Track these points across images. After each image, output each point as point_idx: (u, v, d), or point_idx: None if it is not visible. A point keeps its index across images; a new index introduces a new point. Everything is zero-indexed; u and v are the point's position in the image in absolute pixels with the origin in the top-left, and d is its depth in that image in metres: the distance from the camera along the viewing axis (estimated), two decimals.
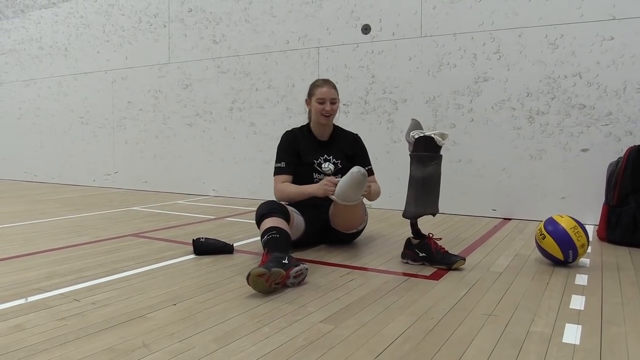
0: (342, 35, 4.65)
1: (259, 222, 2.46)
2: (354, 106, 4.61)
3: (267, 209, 2.46)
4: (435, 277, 2.27)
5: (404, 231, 3.20)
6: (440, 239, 2.54)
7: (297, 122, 3.78)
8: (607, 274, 2.35)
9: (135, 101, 6.07)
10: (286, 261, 2.09)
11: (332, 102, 2.83)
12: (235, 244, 2.86)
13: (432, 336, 1.58)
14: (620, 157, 3.25)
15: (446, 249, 2.48)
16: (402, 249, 2.59)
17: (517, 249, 2.87)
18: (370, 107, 4.54)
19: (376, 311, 1.81)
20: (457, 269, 2.38)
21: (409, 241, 2.54)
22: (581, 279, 2.25)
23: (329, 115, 2.84)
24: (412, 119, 2.57)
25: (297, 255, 2.52)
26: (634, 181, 3.07)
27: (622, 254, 2.79)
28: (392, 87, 4.42)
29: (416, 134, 2.44)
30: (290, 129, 3.00)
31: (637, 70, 3.52)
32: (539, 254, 2.61)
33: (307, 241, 2.82)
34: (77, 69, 6.58)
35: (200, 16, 5.49)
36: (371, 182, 2.86)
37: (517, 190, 3.96)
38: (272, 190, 2.88)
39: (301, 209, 2.76)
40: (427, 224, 3.45)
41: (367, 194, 2.75)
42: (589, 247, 2.82)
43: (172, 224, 3.69)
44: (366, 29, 4.53)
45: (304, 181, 2.84)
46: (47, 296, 1.96)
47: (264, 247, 2.27)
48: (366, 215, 2.92)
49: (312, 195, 2.70)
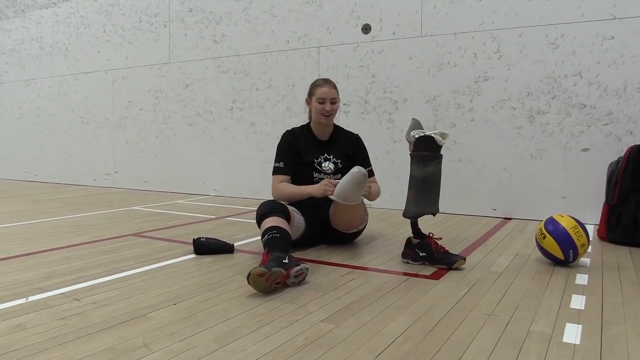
0: (342, 34, 4.65)
1: (259, 222, 2.46)
2: (354, 106, 4.61)
3: (268, 209, 2.46)
4: (435, 276, 2.27)
5: (405, 231, 3.20)
6: (440, 238, 2.54)
7: (297, 122, 3.79)
8: (608, 274, 2.35)
9: (135, 101, 6.07)
10: (286, 261, 2.09)
11: (333, 101, 2.83)
12: (235, 244, 2.86)
13: (433, 336, 1.58)
14: (620, 157, 3.25)
15: (446, 249, 2.49)
16: (402, 249, 2.59)
17: (518, 248, 2.87)
18: (370, 107, 4.54)
19: (376, 311, 1.81)
20: (457, 269, 2.38)
21: (409, 241, 2.55)
22: (581, 279, 2.25)
23: (329, 114, 2.84)
24: (412, 119, 2.57)
25: (297, 254, 2.52)
26: (634, 181, 3.07)
27: (623, 253, 2.79)
28: (393, 86, 4.42)
29: (416, 134, 2.44)
30: (290, 129, 3.00)
31: (638, 69, 3.52)
32: (539, 254, 2.61)
33: (308, 241, 2.82)
34: (78, 68, 6.58)
35: (200, 16, 5.49)
36: (371, 183, 2.87)
37: (517, 189, 3.96)
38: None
39: (301, 208, 2.76)
40: (427, 224, 3.45)
41: (368, 194, 2.76)
42: (590, 247, 2.83)
43: (172, 223, 3.69)
44: (366, 29, 4.53)
45: (304, 180, 2.83)
46: (48, 296, 1.96)
47: (265, 246, 2.28)
48: (366, 215, 2.92)
49: (311, 195, 2.70)
